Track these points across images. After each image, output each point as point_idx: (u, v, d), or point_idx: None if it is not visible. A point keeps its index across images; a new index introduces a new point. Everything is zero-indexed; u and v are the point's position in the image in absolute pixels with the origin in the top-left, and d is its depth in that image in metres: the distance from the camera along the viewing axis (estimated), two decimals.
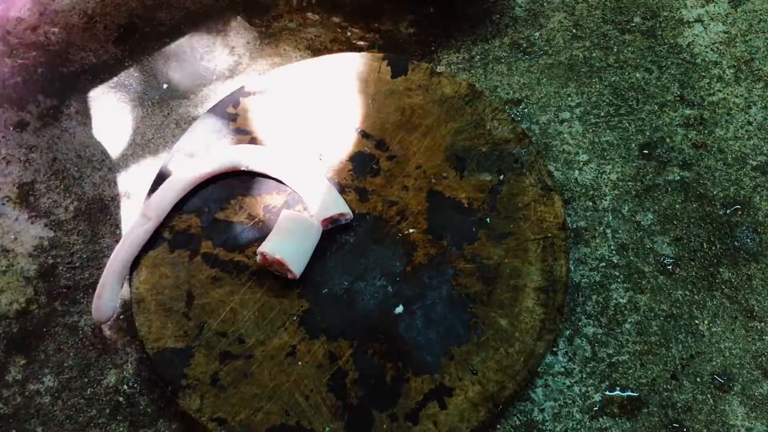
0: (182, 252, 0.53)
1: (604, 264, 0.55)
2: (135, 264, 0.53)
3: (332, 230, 0.54)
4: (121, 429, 0.50)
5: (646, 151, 0.60)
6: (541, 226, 0.53)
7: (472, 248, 0.52)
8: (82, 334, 0.54)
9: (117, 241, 0.58)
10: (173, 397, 0.48)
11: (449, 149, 0.57)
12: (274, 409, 0.47)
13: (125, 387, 0.52)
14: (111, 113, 0.64)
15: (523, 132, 0.57)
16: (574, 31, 0.66)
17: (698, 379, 0.50)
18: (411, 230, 0.54)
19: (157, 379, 0.52)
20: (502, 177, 0.55)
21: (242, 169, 0.56)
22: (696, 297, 0.53)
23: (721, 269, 0.54)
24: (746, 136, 0.60)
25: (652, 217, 0.57)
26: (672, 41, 0.65)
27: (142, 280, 0.52)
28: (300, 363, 0.49)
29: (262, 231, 0.53)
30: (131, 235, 0.53)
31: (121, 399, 0.52)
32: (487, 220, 0.53)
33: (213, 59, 0.67)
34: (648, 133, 0.61)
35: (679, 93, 0.62)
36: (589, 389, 0.50)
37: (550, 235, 0.52)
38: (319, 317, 0.51)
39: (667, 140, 0.60)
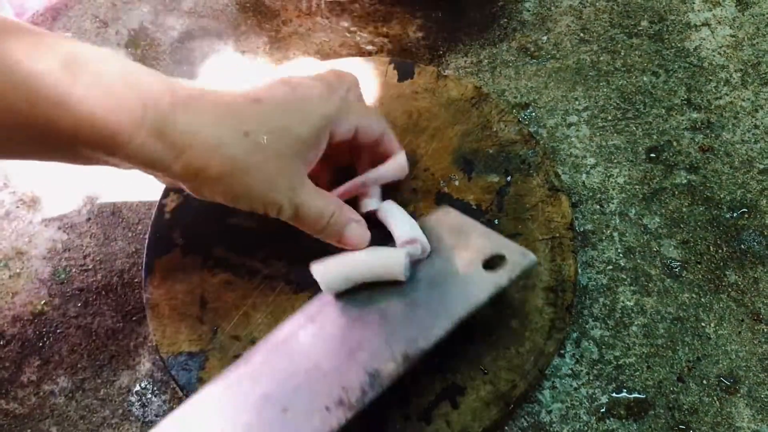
0: (194, 257, 0.54)
1: (611, 267, 0.55)
2: (148, 269, 0.53)
3: None
4: (134, 429, 0.51)
5: (653, 155, 0.60)
6: (548, 226, 0.53)
7: None
8: (95, 336, 0.55)
9: (129, 244, 0.58)
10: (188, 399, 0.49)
11: (456, 151, 0.57)
12: None
13: (138, 388, 0.53)
14: None
15: (529, 133, 0.57)
16: (581, 35, 0.66)
17: (704, 382, 0.50)
18: None
19: (170, 381, 0.52)
20: (509, 178, 0.55)
21: None
22: (702, 300, 0.53)
23: (727, 272, 0.54)
24: (753, 140, 0.60)
25: (658, 220, 0.57)
26: (679, 45, 0.65)
27: (155, 286, 0.52)
28: None
29: (273, 234, 0.52)
30: None
31: (133, 400, 0.52)
32: (496, 221, 0.53)
33: (224, 63, 0.67)
34: (655, 137, 0.61)
35: (686, 97, 0.62)
36: (596, 391, 0.50)
37: (558, 235, 0.52)
38: None
39: (674, 144, 0.60)
